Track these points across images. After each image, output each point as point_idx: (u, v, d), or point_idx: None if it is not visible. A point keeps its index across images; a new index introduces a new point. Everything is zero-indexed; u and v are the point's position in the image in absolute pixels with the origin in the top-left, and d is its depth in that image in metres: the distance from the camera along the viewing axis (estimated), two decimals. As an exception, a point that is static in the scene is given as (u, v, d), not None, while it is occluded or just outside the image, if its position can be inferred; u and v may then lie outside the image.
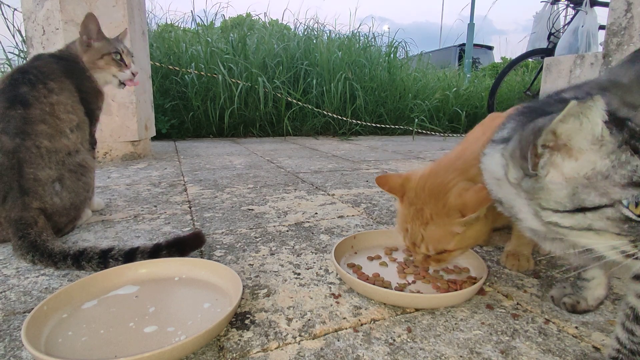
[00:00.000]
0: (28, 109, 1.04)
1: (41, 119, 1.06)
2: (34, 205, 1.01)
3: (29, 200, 1.00)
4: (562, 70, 2.65)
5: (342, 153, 2.89)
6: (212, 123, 3.75)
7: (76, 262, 0.88)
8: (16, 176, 1.00)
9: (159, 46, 3.87)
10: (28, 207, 1.00)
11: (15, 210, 0.98)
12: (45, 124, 1.06)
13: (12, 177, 1.00)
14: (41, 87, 1.09)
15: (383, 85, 4.44)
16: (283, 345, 0.62)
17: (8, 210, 0.99)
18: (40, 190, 1.03)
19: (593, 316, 0.72)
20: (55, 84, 1.13)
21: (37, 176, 1.02)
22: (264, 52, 4.14)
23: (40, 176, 1.03)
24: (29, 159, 1.02)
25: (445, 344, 0.63)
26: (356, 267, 0.89)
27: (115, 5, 2.15)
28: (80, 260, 0.88)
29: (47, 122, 1.07)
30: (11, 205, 0.99)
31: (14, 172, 1.00)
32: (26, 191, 1.00)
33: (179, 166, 2.23)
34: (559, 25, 4.02)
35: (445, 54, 10.70)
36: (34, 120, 1.04)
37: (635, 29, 1.79)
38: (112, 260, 0.87)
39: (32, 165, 1.02)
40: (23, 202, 0.99)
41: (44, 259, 0.90)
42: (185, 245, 0.94)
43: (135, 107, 2.32)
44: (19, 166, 1.01)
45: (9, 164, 1.00)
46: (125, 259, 0.88)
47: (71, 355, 0.58)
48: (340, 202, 1.50)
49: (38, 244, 0.93)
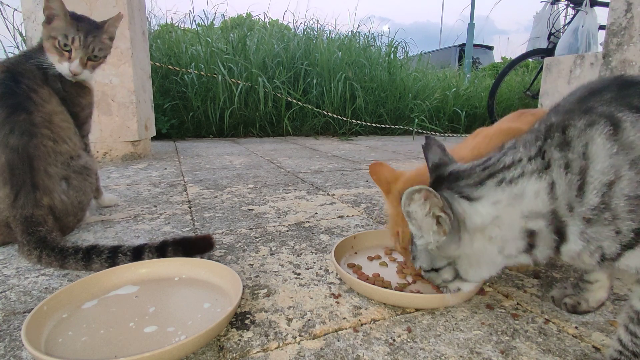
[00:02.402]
0: (31, 115, 1.06)
1: (44, 125, 1.07)
2: (44, 201, 1.02)
3: (39, 195, 1.01)
4: (562, 70, 2.65)
5: (342, 153, 2.89)
6: (212, 123, 3.75)
7: (87, 256, 0.89)
8: (27, 170, 1.01)
9: (159, 46, 3.88)
10: (39, 204, 1.00)
11: (28, 208, 0.99)
12: (48, 129, 1.08)
13: (24, 171, 1.00)
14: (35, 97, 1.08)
15: (383, 85, 4.44)
16: (283, 345, 0.62)
17: (21, 208, 0.99)
18: (50, 185, 1.04)
19: (593, 316, 0.72)
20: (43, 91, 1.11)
21: (47, 170, 1.04)
22: (264, 52, 4.14)
23: (50, 171, 1.04)
24: (37, 155, 1.03)
25: (445, 344, 0.63)
26: (356, 267, 0.89)
27: (115, 6, 2.15)
28: (90, 255, 0.89)
29: (49, 128, 1.08)
30: (24, 202, 0.99)
31: (25, 166, 1.01)
32: (37, 185, 1.01)
33: (179, 166, 2.23)
34: (559, 25, 4.03)
35: (445, 54, 10.70)
36: (37, 124, 1.06)
37: (635, 29, 1.79)
38: (121, 255, 0.89)
39: (41, 160, 1.03)
40: (35, 199, 1.00)
41: (54, 254, 0.90)
42: (193, 246, 0.94)
43: (135, 107, 2.32)
44: (29, 161, 1.01)
45: (19, 160, 1.01)
46: (134, 255, 0.89)
47: (71, 355, 0.58)
48: (340, 202, 1.50)
49: (48, 241, 0.94)
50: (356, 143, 3.61)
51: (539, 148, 0.53)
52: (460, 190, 0.57)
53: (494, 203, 0.54)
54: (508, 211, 0.54)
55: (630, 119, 0.48)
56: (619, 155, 0.47)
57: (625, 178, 0.47)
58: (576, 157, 0.49)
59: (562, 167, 0.50)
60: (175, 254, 0.91)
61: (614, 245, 0.49)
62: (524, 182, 0.53)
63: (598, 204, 0.48)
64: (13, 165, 1.00)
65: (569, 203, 0.50)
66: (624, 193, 0.47)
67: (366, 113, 4.28)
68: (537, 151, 0.53)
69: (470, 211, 0.56)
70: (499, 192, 0.54)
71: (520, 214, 0.53)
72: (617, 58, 1.87)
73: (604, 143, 0.48)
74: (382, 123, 4.36)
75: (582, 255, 0.52)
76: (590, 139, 0.49)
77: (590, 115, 0.50)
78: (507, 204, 0.54)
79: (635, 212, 0.47)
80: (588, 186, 0.49)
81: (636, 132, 0.47)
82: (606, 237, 0.49)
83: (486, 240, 0.56)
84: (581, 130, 0.50)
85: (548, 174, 0.51)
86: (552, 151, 0.52)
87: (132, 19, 2.26)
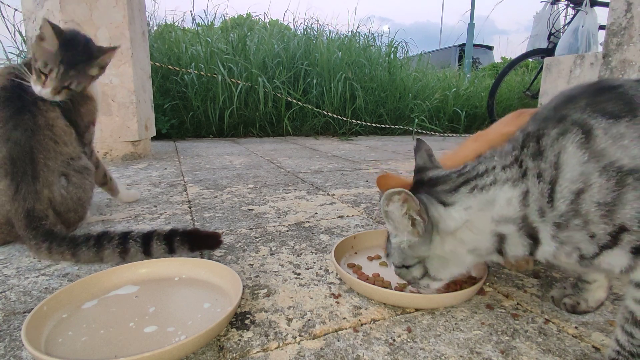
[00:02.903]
0: (34, 117, 1.07)
1: (46, 127, 1.08)
2: (44, 193, 1.02)
3: (40, 187, 1.02)
4: (562, 70, 2.65)
5: (342, 153, 2.89)
6: (212, 123, 3.75)
7: (98, 242, 0.90)
8: (28, 161, 1.02)
9: (159, 46, 3.88)
10: (39, 197, 1.01)
11: (29, 200, 0.99)
12: (50, 131, 1.09)
13: (24, 163, 1.01)
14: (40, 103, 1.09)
15: (383, 85, 4.44)
16: (283, 345, 0.62)
17: (22, 201, 0.99)
18: (50, 178, 1.04)
19: (593, 316, 0.72)
20: None
21: (47, 163, 1.05)
22: (264, 52, 4.14)
23: (50, 164, 1.05)
24: (39, 147, 1.04)
25: (445, 344, 0.63)
26: (356, 267, 0.89)
27: (115, 6, 2.15)
28: (102, 241, 0.90)
29: (51, 131, 1.09)
30: (25, 194, 1.00)
31: (26, 156, 1.02)
32: (37, 177, 1.02)
33: (179, 166, 2.23)
34: (559, 25, 4.03)
35: (445, 54, 10.70)
36: (40, 125, 1.07)
37: (635, 29, 1.79)
38: (131, 241, 0.90)
39: (42, 152, 1.05)
40: (35, 191, 1.01)
41: (65, 244, 0.91)
42: (201, 240, 0.95)
43: (135, 107, 2.32)
44: (31, 151, 1.03)
45: (21, 150, 1.02)
46: (143, 241, 0.90)
47: (71, 355, 0.58)
48: (340, 202, 1.50)
49: (55, 232, 0.95)
50: (356, 143, 3.61)
51: (515, 157, 0.56)
52: (437, 195, 0.61)
53: (466, 209, 0.58)
54: (478, 216, 0.57)
55: (602, 126, 0.49)
56: (590, 163, 0.48)
57: (596, 185, 0.48)
58: (548, 166, 0.51)
59: (535, 176, 0.52)
60: (181, 244, 0.92)
61: (590, 246, 0.51)
62: (496, 189, 0.56)
63: (566, 212, 0.50)
64: (14, 157, 1.01)
65: (540, 209, 0.52)
66: (594, 200, 0.48)
67: (366, 113, 4.28)
68: (513, 160, 0.56)
69: (445, 216, 0.59)
70: (470, 198, 0.58)
71: (490, 218, 0.57)
72: (617, 58, 1.87)
73: (574, 152, 0.50)
74: (382, 123, 4.36)
75: (559, 256, 0.55)
76: (562, 148, 0.51)
77: (564, 124, 0.52)
78: (477, 209, 0.57)
79: (608, 216, 0.48)
80: (556, 195, 0.51)
81: (607, 139, 0.48)
82: (580, 240, 0.51)
83: (457, 242, 0.60)
84: (554, 140, 0.52)
85: (524, 182, 0.54)
86: (527, 161, 0.54)
87: (132, 19, 2.26)
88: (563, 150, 0.50)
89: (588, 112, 0.51)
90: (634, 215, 0.47)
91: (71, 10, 2.06)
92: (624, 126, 0.48)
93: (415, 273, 0.65)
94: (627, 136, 0.47)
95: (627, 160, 0.47)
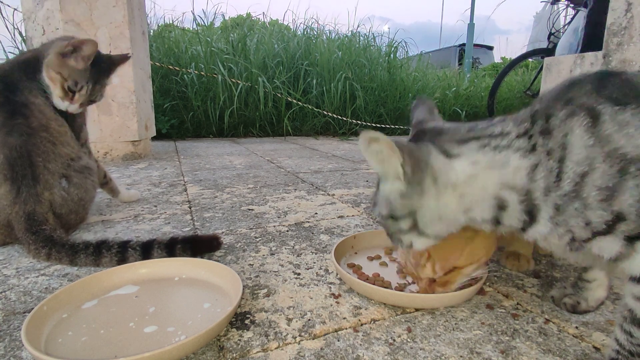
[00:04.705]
0: (28, 120, 1.06)
1: (41, 129, 1.08)
2: (45, 196, 1.02)
3: (40, 189, 1.01)
4: (562, 70, 2.65)
5: (342, 153, 2.89)
6: (212, 123, 3.74)
7: (97, 250, 0.90)
8: (27, 164, 1.01)
9: (159, 46, 3.87)
10: (40, 200, 1.01)
11: (30, 203, 0.99)
12: (46, 133, 1.08)
13: (23, 166, 1.01)
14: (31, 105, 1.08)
15: (383, 85, 4.44)
16: (283, 345, 0.62)
17: (23, 204, 0.99)
18: (50, 180, 1.04)
19: (593, 316, 0.72)
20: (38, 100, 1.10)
21: (46, 165, 1.04)
22: (264, 52, 4.13)
23: (49, 167, 1.05)
24: (36, 151, 1.04)
25: (446, 344, 0.63)
26: (356, 267, 0.89)
27: (115, 6, 2.15)
28: (101, 249, 0.90)
29: (47, 132, 1.09)
30: (26, 196, 0.99)
31: (25, 162, 1.01)
32: (37, 179, 1.02)
33: (179, 166, 2.23)
34: (559, 25, 4.02)
35: (445, 53, 10.70)
36: (35, 128, 1.06)
37: (635, 29, 1.79)
38: (130, 250, 0.89)
39: (40, 155, 1.04)
40: (36, 193, 1.00)
41: (65, 250, 0.91)
42: (201, 245, 0.95)
43: (135, 107, 2.32)
44: (29, 157, 1.02)
45: (19, 155, 1.01)
46: (143, 250, 0.90)
47: (71, 355, 0.58)
48: (340, 202, 1.50)
49: (55, 238, 0.95)
50: (356, 143, 3.61)
51: (525, 129, 0.55)
52: (440, 144, 0.58)
53: (473, 163, 0.56)
54: (486, 174, 0.55)
55: (609, 112, 0.49)
56: (595, 148, 0.49)
57: (599, 170, 0.48)
58: (556, 146, 0.51)
59: (545, 153, 0.52)
60: (183, 251, 0.92)
61: (584, 231, 0.51)
62: (510, 154, 0.55)
63: (570, 192, 0.50)
64: (12, 162, 1.00)
65: (546, 187, 0.52)
66: (596, 184, 0.48)
67: (366, 113, 4.28)
68: (524, 132, 0.55)
69: (447, 168, 0.57)
70: (480, 154, 0.56)
71: (497, 179, 0.55)
72: (617, 58, 1.87)
73: (581, 135, 0.50)
74: (382, 123, 4.35)
75: (550, 238, 0.54)
76: (569, 130, 0.51)
77: (571, 106, 0.52)
78: (486, 166, 0.55)
79: (606, 201, 0.48)
80: (564, 175, 0.51)
81: (614, 125, 0.48)
82: (576, 224, 0.51)
83: (455, 197, 0.57)
84: (562, 121, 0.52)
85: (534, 156, 0.53)
86: (537, 136, 0.54)
87: (132, 18, 2.26)
88: (570, 132, 0.50)
89: (594, 97, 0.51)
90: (632, 204, 0.47)
91: (71, 10, 2.06)
92: (630, 114, 0.48)
93: (403, 225, 0.61)
94: (632, 124, 0.48)
95: (630, 149, 0.47)
